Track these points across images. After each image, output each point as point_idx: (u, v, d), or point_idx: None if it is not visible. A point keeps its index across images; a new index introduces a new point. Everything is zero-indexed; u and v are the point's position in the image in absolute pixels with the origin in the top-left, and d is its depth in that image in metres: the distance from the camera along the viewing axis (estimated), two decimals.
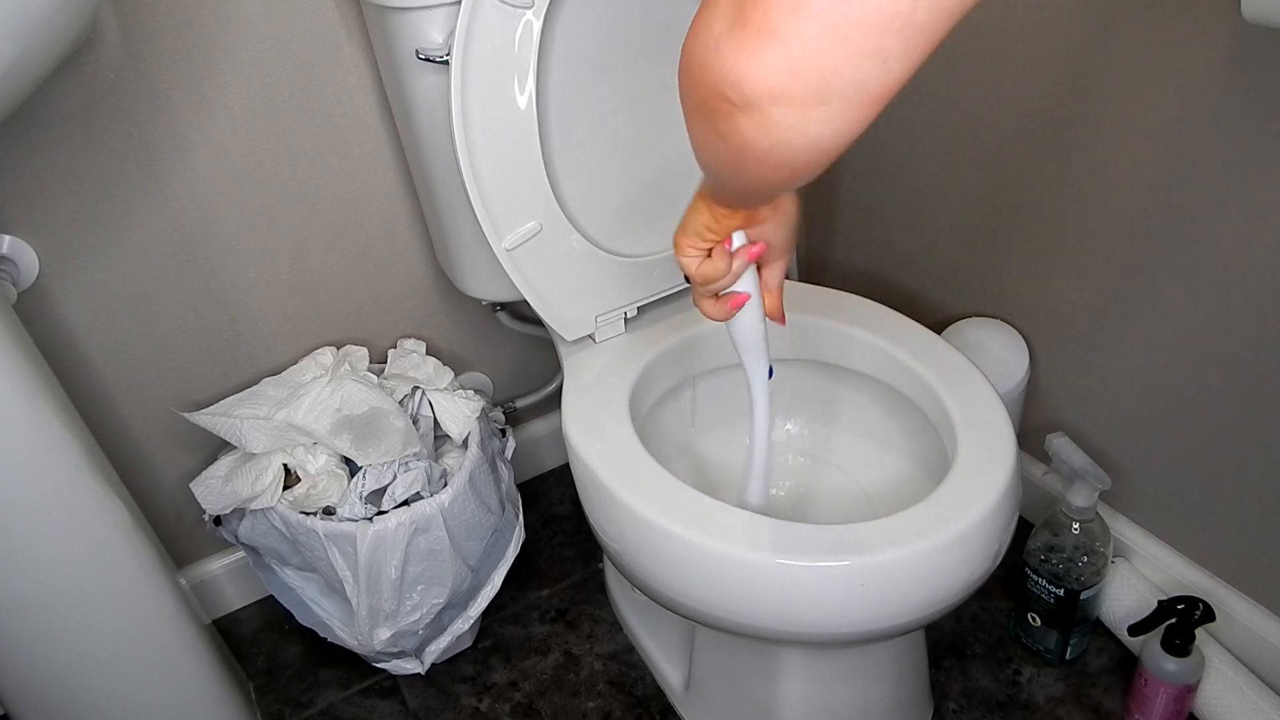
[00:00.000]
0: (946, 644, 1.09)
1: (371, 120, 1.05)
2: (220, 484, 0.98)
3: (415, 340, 1.18)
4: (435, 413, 1.04)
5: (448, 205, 0.98)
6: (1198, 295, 0.90)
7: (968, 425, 0.80)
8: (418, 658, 1.08)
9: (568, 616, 1.19)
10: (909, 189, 1.20)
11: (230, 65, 0.96)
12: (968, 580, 0.73)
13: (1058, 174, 0.99)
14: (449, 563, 0.97)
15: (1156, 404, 0.99)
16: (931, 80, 1.08)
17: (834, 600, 0.71)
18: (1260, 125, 0.79)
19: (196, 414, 1.00)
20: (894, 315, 0.96)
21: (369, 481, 0.97)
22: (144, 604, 0.88)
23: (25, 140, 0.90)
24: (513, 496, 1.12)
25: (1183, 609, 0.89)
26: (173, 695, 0.93)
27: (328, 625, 1.03)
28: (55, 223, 0.94)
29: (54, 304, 0.97)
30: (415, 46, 0.86)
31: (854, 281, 1.36)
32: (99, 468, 0.84)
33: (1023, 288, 1.08)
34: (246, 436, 0.97)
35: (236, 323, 1.09)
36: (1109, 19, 0.87)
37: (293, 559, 1.00)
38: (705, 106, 0.42)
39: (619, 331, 0.99)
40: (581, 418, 0.88)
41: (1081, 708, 1.02)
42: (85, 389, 1.02)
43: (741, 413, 1.06)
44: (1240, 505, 0.95)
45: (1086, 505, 0.96)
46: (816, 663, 0.87)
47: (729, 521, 0.74)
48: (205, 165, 0.99)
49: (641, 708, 1.07)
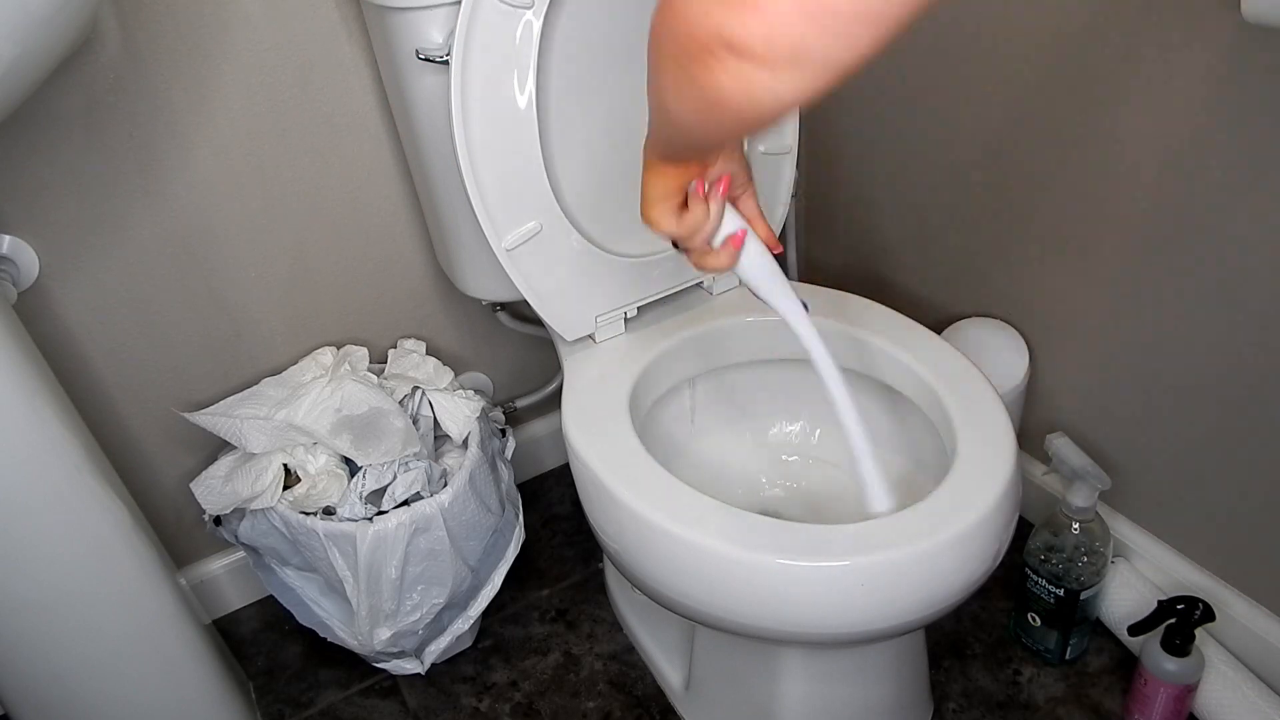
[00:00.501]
0: (946, 644, 1.09)
1: (371, 120, 1.05)
2: (220, 484, 0.98)
3: (415, 340, 1.18)
4: (435, 413, 1.04)
5: (448, 205, 0.98)
6: (1198, 295, 0.90)
7: (968, 425, 0.80)
8: (418, 658, 1.08)
9: (568, 616, 1.19)
10: (909, 189, 1.20)
11: (230, 65, 0.96)
12: (968, 580, 0.73)
13: (1057, 174, 0.99)
14: (449, 563, 0.98)
15: (1156, 404, 0.99)
16: (932, 80, 1.08)
17: (834, 600, 0.71)
18: (1260, 125, 0.79)
19: (196, 414, 1.00)
20: (894, 315, 0.96)
21: (369, 481, 0.97)
22: (144, 604, 0.88)
23: (25, 140, 0.90)
24: (513, 496, 1.12)
25: (1183, 609, 0.89)
26: (173, 695, 0.93)
27: (328, 625, 1.03)
28: (55, 223, 0.94)
29: (54, 304, 0.97)
30: (415, 46, 0.86)
31: (854, 281, 1.36)
32: (99, 467, 0.84)
33: (1023, 288, 1.08)
34: (246, 436, 0.97)
35: (236, 323, 1.09)
36: (1109, 19, 0.87)
37: (293, 559, 1.00)
38: (685, 56, 0.47)
39: (619, 331, 0.99)
40: (581, 418, 0.88)
41: (1081, 708, 1.02)
42: (85, 389, 1.02)
43: (741, 413, 1.07)
44: (1240, 505, 0.95)
45: (1086, 505, 0.96)
46: (816, 663, 0.87)
47: (729, 521, 0.74)
48: (205, 165, 0.99)
49: (641, 708, 1.07)
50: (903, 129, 1.16)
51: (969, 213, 1.12)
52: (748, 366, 1.03)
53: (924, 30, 1.06)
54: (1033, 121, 0.99)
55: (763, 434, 1.07)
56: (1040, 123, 0.98)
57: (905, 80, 1.12)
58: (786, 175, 1.02)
